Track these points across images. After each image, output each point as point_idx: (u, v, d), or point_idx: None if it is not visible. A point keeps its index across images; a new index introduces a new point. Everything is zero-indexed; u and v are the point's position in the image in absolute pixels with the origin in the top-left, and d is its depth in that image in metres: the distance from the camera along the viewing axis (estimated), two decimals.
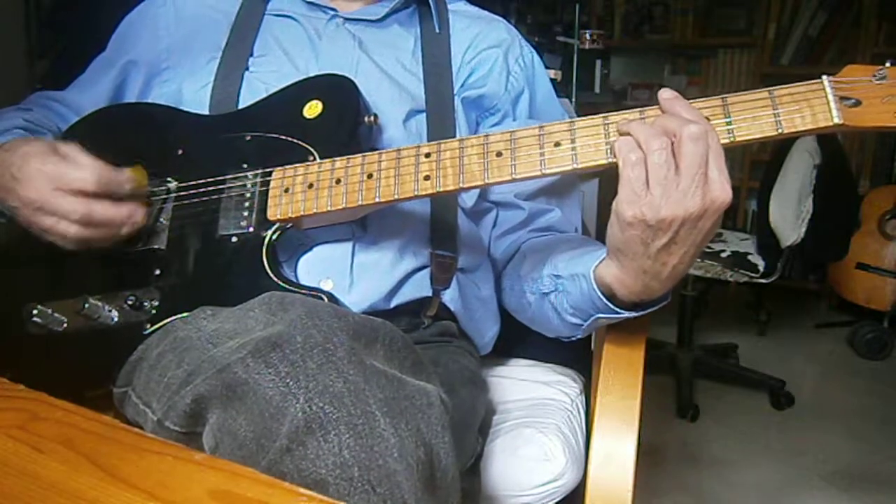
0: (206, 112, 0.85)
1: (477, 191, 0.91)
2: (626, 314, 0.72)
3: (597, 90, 3.31)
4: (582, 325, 0.78)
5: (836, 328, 2.94)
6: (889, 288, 2.73)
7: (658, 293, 0.70)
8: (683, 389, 2.29)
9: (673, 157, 0.61)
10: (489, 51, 0.93)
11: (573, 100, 2.46)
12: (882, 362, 2.68)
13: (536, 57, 0.98)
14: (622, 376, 0.81)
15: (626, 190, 0.62)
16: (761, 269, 2.16)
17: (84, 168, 0.71)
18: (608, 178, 0.66)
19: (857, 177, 3.07)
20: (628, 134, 0.63)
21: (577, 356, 1.02)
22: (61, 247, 0.73)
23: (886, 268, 2.75)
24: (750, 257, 2.21)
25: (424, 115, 0.87)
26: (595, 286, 0.72)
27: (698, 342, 2.55)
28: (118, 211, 0.73)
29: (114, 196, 0.73)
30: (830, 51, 3.16)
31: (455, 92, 0.90)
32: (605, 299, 0.71)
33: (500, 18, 0.99)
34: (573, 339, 0.83)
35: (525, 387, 0.97)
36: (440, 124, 0.87)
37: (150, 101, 0.92)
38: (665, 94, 0.64)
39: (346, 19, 0.91)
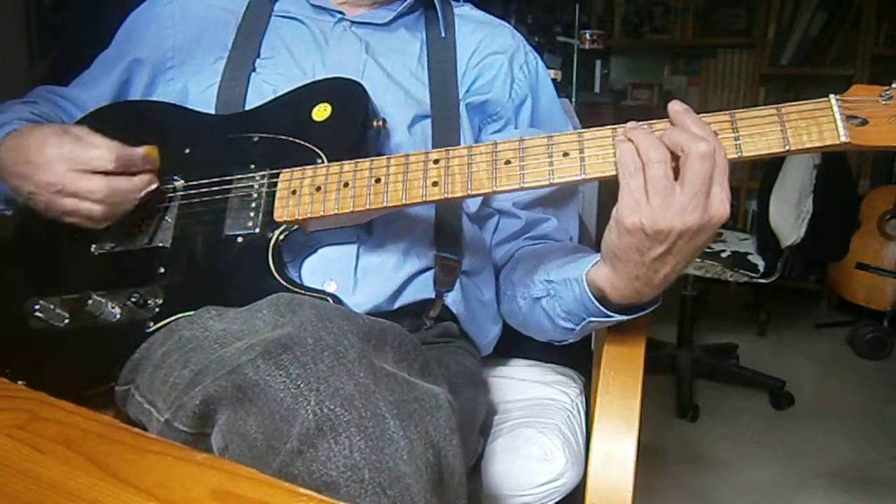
0: (212, 112, 0.85)
1: (480, 197, 0.91)
2: (617, 318, 0.73)
3: (597, 90, 3.31)
4: (574, 329, 0.78)
5: (836, 328, 2.94)
6: (889, 288, 2.73)
7: (647, 297, 0.71)
8: (683, 389, 2.29)
9: (674, 170, 0.61)
10: (494, 56, 0.93)
11: (573, 100, 2.47)
12: (882, 362, 2.68)
13: (541, 64, 0.98)
14: (622, 376, 0.81)
15: (626, 198, 0.62)
16: (761, 269, 2.16)
17: (100, 147, 0.72)
18: (608, 181, 0.66)
19: (857, 177, 3.06)
20: (631, 140, 0.64)
21: (577, 356, 1.02)
22: (83, 227, 0.75)
23: (886, 268, 2.75)
24: (750, 257, 2.21)
25: (430, 120, 0.88)
26: (587, 289, 0.72)
27: (698, 342, 2.56)
28: (137, 182, 0.74)
29: (130, 171, 0.74)
30: (830, 51, 3.16)
31: (460, 97, 0.90)
32: (596, 303, 0.72)
33: (506, 24, 0.99)
34: (564, 342, 0.84)
35: (525, 387, 0.97)
36: (445, 130, 0.87)
37: (155, 99, 0.92)
38: (676, 107, 0.64)
39: (353, 23, 0.91)
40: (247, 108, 0.85)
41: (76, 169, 0.71)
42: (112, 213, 0.74)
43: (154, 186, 0.76)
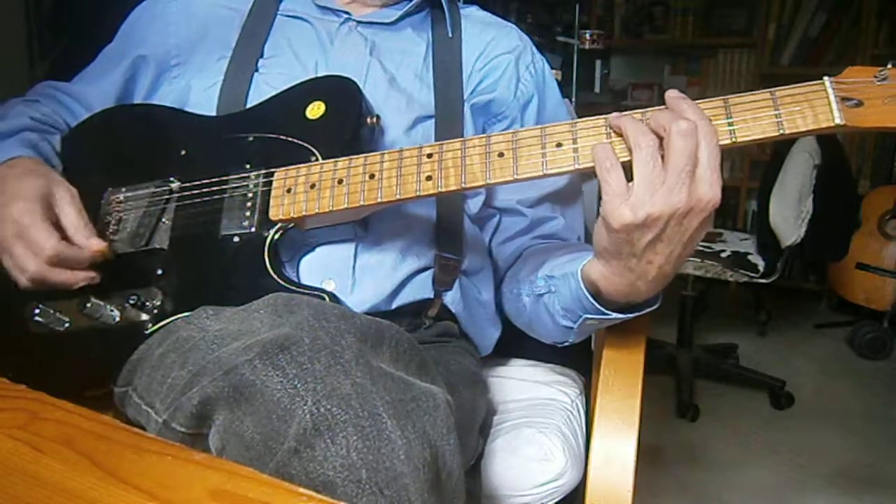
0: (214, 111, 0.85)
1: (482, 197, 0.91)
2: (614, 315, 0.72)
3: (597, 90, 3.32)
4: (572, 327, 0.78)
5: (836, 328, 2.94)
6: (889, 288, 2.73)
7: (645, 295, 0.70)
8: (683, 389, 2.29)
9: (661, 152, 0.61)
10: (501, 57, 0.93)
11: (573, 100, 2.47)
12: (882, 362, 2.68)
13: (547, 66, 0.98)
14: (622, 376, 0.81)
15: (609, 194, 0.62)
16: (761, 269, 2.16)
17: (49, 237, 0.72)
18: None
19: (857, 177, 3.07)
20: (618, 128, 0.64)
21: (577, 356, 1.02)
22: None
23: (886, 268, 2.75)
24: (750, 257, 2.21)
25: (433, 120, 0.87)
26: (582, 284, 0.72)
27: (698, 342, 2.55)
28: (72, 277, 0.75)
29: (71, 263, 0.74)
30: (830, 51, 3.16)
31: (465, 98, 0.90)
32: (591, 298, 0.71)
33: (513, 25, 0.99)
34: (566, 343, 0.83)
35: (525, 387, 0.97)
36: (448, 130, 0.86)
37: (158, 97, 0.92)
38: (672, 94, 0.64)
39: (359, 23, 0.90)
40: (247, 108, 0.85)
41: (20, 240, 0.73)
42: (39, 288, 0.74)
43: (93, 283, 0.76)
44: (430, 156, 0.70)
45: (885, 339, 2.69)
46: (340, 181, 0.72)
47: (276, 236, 0.75)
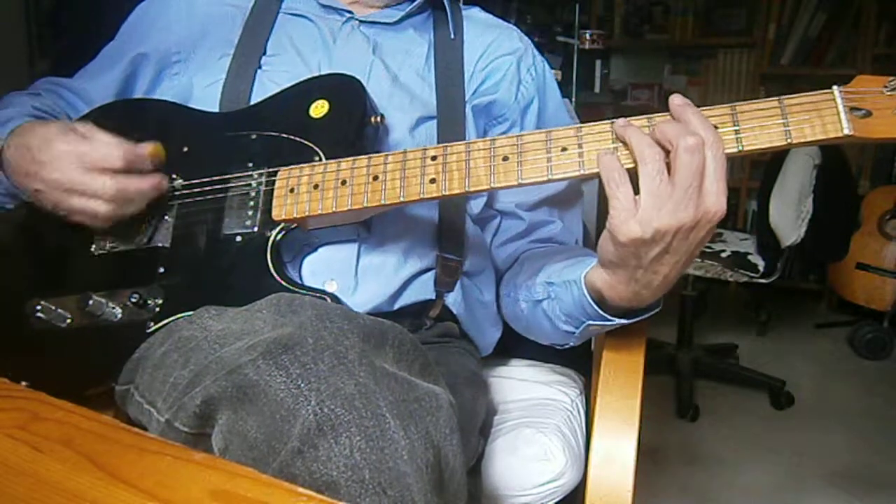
0: (216, 109, 0.85)
1: (484, 199, 0.90)
2: (617, 321, 0.72)
3: (597, 90, 3.32)
4: (574, 332, 0.78)
5: (836, 328, 2.94)
6: (889, 288, 2.73)
7: (648, 301, 0.70)
8: (683, 389, 2.29)
9: (667, 166, 0.61)
10: (502, 59, 0.93)
11: (573, 100, 2.47)
12: (882, 362, 2.68)
13: (548, 68, 0.98)
14: (622, 376, 0.81)
15: (617, 209, 0.62)
16: (761, 269, 2.16)
17: (108, 145, 0.71)
18: None
19: (857, 177, 3.07)
20: (623, 139, 0.63)
21: (577, 356, 1.02)
22: (88, 226, 0.74)
23: (886, 268, 2.75)
24: (750, 257, 2.21)
25: (435, 121, 0.87)
26: (585, 292, 0.72)
27: (698, 342, 2.55)
28: (147, 182, 0.74)
29: (138, 170, 0.74)
30: (830, 51, 3.16)
31: (466, 99, 0.90)
32: (595, 305, 0.71)
33: (514, 27, 0.99)
34: (566, 346, 0.83)
35: (525, 387, 0.97)
36: (450, 131, 0.86)
37: (159, 93, 0.91)
38: (676, 101, 0.63)
39: (362, 22, 0.90)
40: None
41: (84, 167, 0.71)
42: (118, 212, 0.73)
43: (164, 187, 0.76)
44: (434, 158, 0.70)
45: (885, 339, 2.70)
46: (344, 182, 0.72)
47: (279, 236, 0.75)
